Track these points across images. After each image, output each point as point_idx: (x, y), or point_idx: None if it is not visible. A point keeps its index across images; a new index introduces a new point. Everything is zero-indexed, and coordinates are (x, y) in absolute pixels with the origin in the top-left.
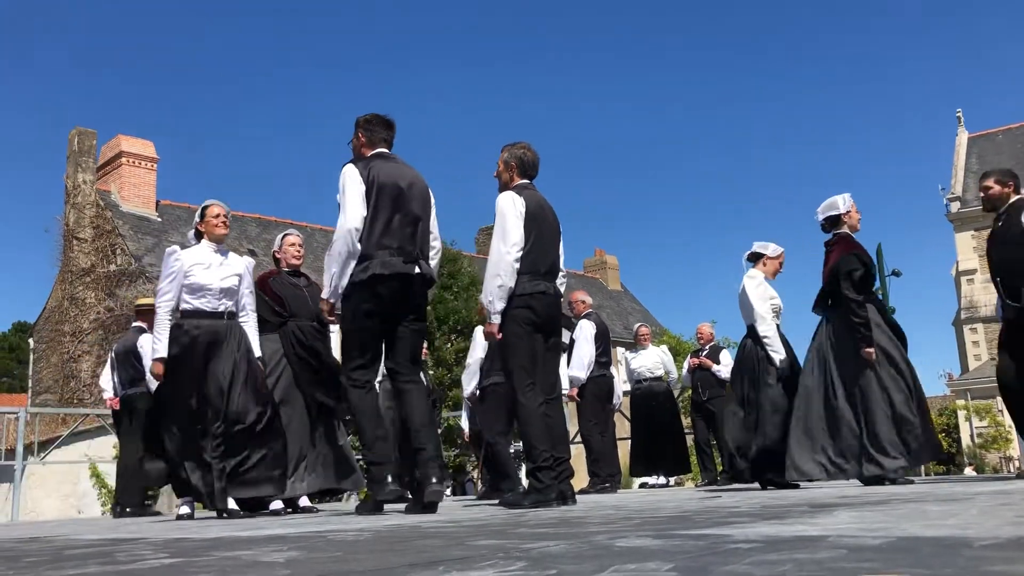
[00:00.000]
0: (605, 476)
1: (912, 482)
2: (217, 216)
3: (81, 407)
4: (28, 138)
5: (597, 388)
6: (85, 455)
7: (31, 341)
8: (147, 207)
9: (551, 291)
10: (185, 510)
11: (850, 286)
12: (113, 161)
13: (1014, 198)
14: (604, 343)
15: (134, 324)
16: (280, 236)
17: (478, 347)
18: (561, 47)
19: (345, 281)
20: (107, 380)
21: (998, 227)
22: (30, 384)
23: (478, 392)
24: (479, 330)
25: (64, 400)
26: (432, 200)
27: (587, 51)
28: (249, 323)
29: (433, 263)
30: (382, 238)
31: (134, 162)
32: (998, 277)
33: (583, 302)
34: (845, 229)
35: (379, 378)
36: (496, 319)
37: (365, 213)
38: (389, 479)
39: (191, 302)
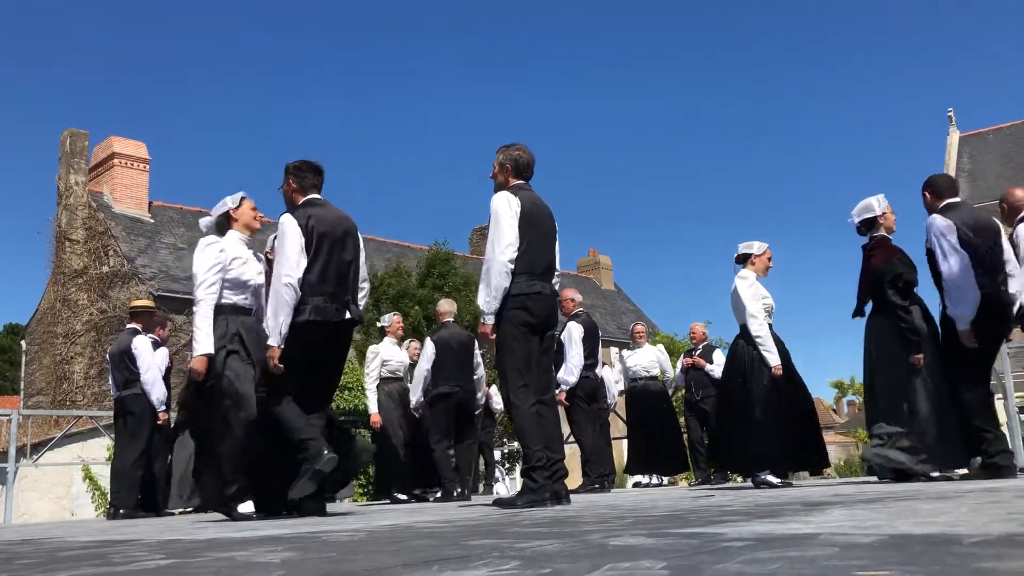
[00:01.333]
0: (596, 476)
1: (951, 478)
2: (255, 208)
3: (74, 409)
4: (19, 139)
5: (581, 388)
6: (78, 457)
7: (23, 343)
8: (140, 208)
9: (547, 291)
10: (249, 507)
11: (895, 292)
12: (105, 162)
13: None
14: (592, 343)
15: (128, 326)
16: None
17: (425, 358)
18: (555, 48)
19: (287, 329)
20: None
21: None
22: (22, 386)
23: (423, 400)
24: (428, 340)
25: (57, 402)
26: (361, 244)
27: (581, 52)
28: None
29: (362, 304)
30: (318, 284)
31: (126, 163)
32: None
33: (572, 300)
34: (882, 231)
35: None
36: (491, 320)
37: (304, 264)
38: (325, 452)
39: (232, 298)
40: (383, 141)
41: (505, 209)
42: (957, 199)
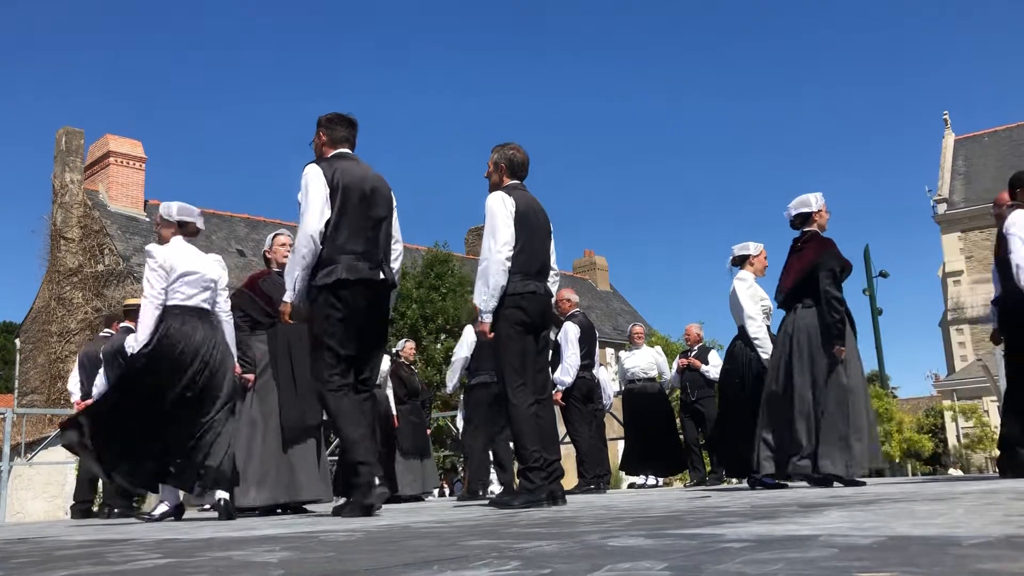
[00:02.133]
0: (591, 477)
1: (863, 483)
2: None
3: (68, 408)
4: (15, 137)
5: (577, 389)
6: (72, 456)
7: (18, 342)
8: (135, 207)
9: (541, 291)
10: (164, 508)
11: (832, 283)
12: (101, 161)
13: None
14: (589, 344)
15: (121, 324)
16: (270, 236)
17: (464, 345)
18: (551, 47)
19: (304, 284)
20: (75, 383)
21: None
22: (16, 385)
23: (460, 387)
24: (468, 328)
25: (51, 401)
26: (394, 202)
27: (578, 52)
28: (227, 323)
29: (395, 265)
30: (347, 242)
31: (122, 162)
32: None
33: (569, 300)
34: (815, 227)
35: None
36: (488, 318)
37: (328, 216)
38: (376, 481)
39: (174, 299)
40: (379, 141)
41: (500, 208)
42: None
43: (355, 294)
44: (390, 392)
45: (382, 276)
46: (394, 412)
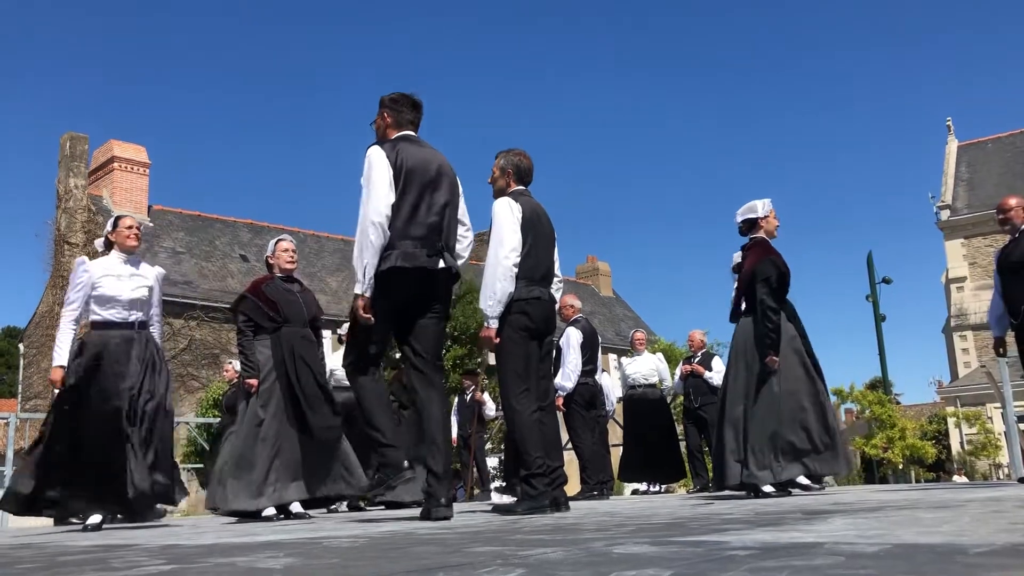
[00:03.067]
0: (594, 483)
1: (819, 489)
2: (130, 228)
3: None
4: (19, 142)
5: (579, 395)
6: None
7: (21, 347)
8: (139, 212)
9: (546, 297)
10: (96, 518)
11: (767, 292)
12: (105, 166)
13: None
14: (591, 350)
15: None
16: (273, 241)
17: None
18: (553, 53)
19: (374, 272)
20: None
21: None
22: (20, 390)
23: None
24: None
25: None
26: (460, 187)
27: (579, 57)
28: (156, 331)
29: (465, 253)
30: (407, 227)
31: (126, 167)
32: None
33: (572, 306)
34: (761, 234)
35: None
36: (494, 324)
37: (393, 199)
38: (406, 463)
39: (101, 313)
40: None
41: (507, 214)
42: None
43: (409, 282)
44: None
45: (442, 264)
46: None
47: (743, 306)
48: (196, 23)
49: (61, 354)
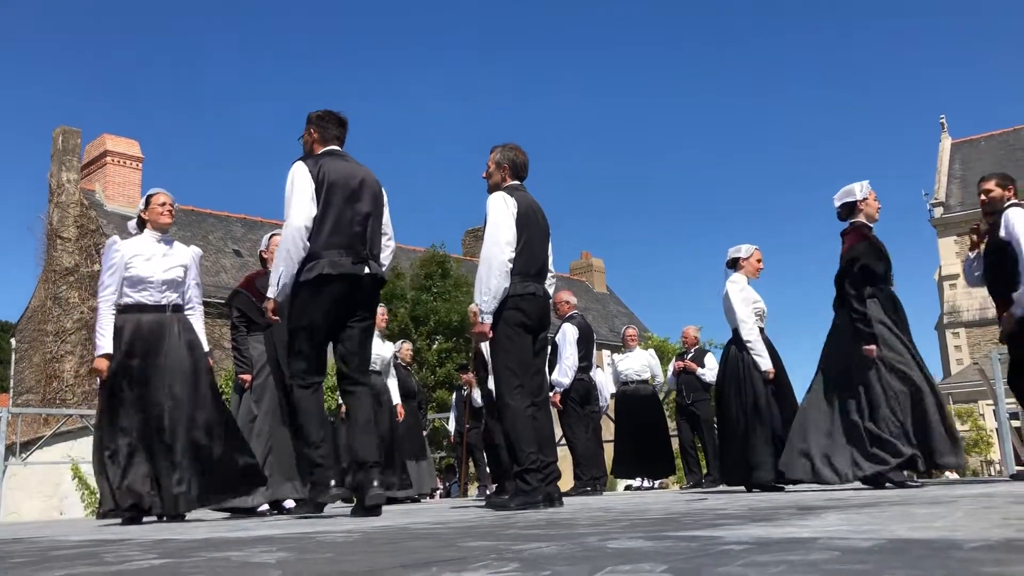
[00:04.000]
0: (588, 479)
1: (912, 484)
2: (163, 204)
3: (64, 407)
4: (11, 136)
5: (575, 391)
6: (68, 456)
7: (13, 341)
8: (132, 206)
9: (540, 293)
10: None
11: (850, 280)
12: (98, 160)
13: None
14: (586, 346)
15: None
16: (267, 236)
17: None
18: (548, 49)
19: (289, 280)
20: None
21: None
22: (12, 384)
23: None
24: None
25: (46, 400)
26: (384, 198)
27: (573, 54)
28: (196, 315)
29: (386, 261)
30: (331, 237)
31: (119, 161)
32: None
33: (567, 303)
34: (861, 218)
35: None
36: (488, 319)
37: (314, 212)
38: (332, 483)
39: (132, 295)
40: (377, 143)
41: (502, 209)
42: None
43: (337, 290)
44: (393, 382)
45: (367, 271)
46: (398, 402)
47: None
48: (189, 17)
49: (105, 342)
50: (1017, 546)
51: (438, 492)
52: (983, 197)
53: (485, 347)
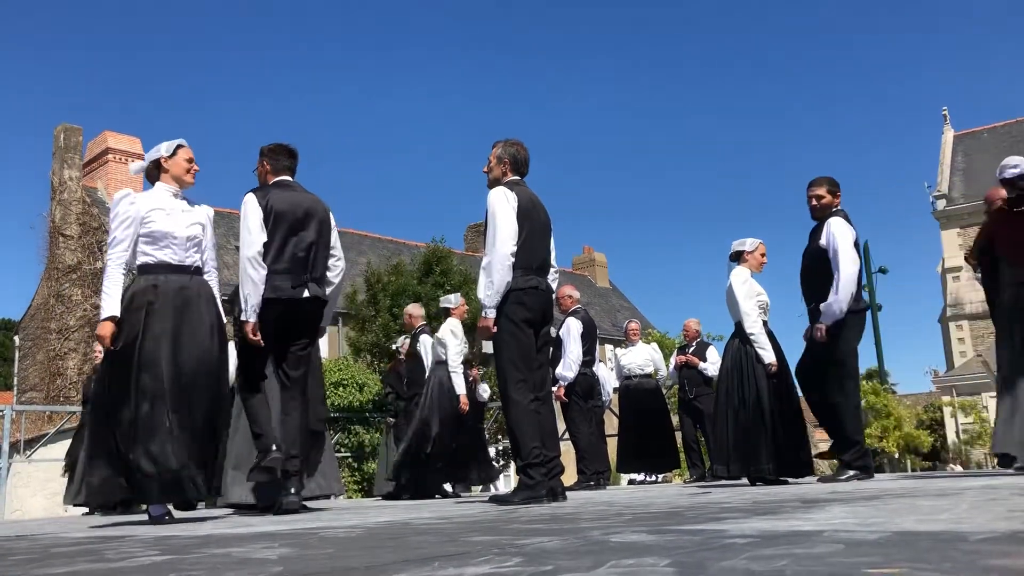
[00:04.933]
0: (591, 473)
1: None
2: (191, 161)
3: (67, 405)
4: (13, 134)
5: (578, 386)
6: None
7: (16, 339)
8: None
9: (543, 287)
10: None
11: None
12: (99, 158)
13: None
14: (590, 341)
15: None
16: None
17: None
18: (550, 45)
19: (258, 301)
20: None
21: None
22: (15, 382)
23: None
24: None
25: (50, 398)
26: (331, 223)
27: (577, 49)
28: (213, 279)
29: (336, 279)
30: (274, 263)
31: (121, 158)
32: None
33: (571, 297)
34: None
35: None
36: (492, 314)
37: (264, 239)
38: (274, 447)
39: (153, 254)
40: (379, 138)
41: (503, 203)
42: None
43: (278, 311)
44: (458, 376)
45: (307, 293)
46: (461, 391)
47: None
48: (190, 14)
49: (111, 303)
50: (1022, 538)
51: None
52: (814, 202)
53: (488, 345)
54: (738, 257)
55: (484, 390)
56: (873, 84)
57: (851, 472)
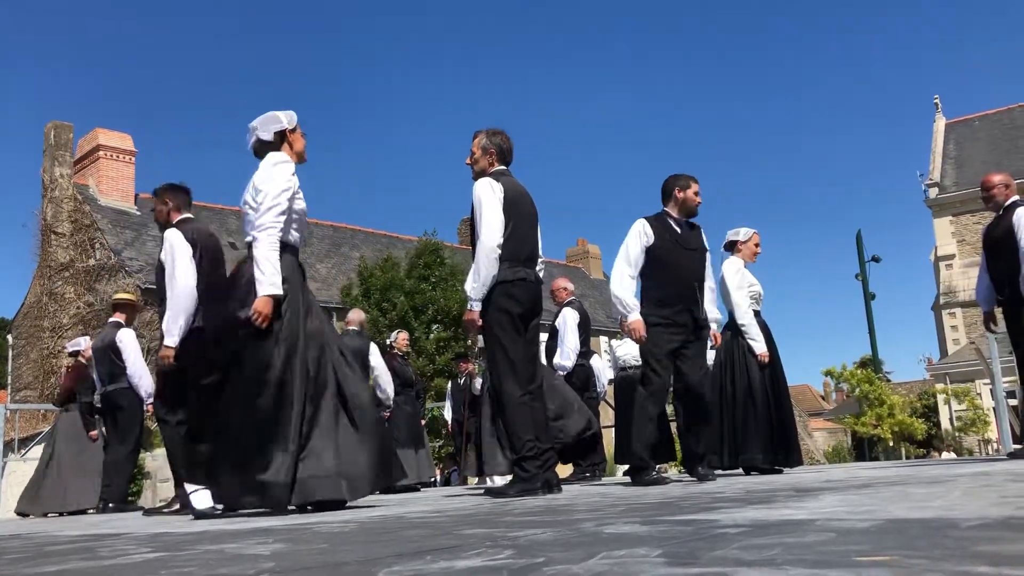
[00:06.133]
0: (587, 465)
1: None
2: (301, 136)
3: None
4: (3, 132)
5: (576, 377)
6: None
7: (10, 337)
8: (125, 201)
9: (531, 278)
10: (207, 503)
11: None
12: (91, 155)
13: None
14: (585, 332)
15: (111, 319)
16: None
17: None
18: (546, 40)
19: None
20: None
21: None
22: (9, 380)
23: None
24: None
25: (44, 396)
26: (220, 250)
27: (572, 41)
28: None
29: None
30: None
31: (112, 155)
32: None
33: (565, 289)
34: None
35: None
36: (477, 306)
37: (193, 269)
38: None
39: (292, 232)
40: (372, 133)
41: (489, 194)
42: None
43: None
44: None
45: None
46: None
47: None
48: (181, 10)
49: (274, 279)
50: (1014, 524)
51: (435, 480)
52: (697, 199)
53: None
54: (732, 247)
55: (479, 384)
56: (865, 73)
57: None
